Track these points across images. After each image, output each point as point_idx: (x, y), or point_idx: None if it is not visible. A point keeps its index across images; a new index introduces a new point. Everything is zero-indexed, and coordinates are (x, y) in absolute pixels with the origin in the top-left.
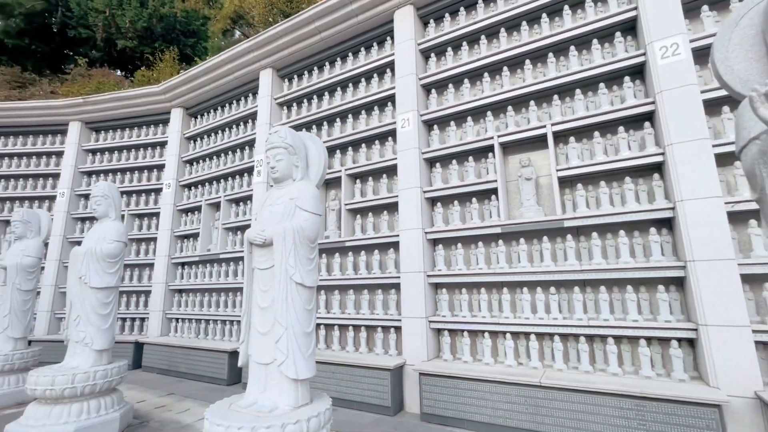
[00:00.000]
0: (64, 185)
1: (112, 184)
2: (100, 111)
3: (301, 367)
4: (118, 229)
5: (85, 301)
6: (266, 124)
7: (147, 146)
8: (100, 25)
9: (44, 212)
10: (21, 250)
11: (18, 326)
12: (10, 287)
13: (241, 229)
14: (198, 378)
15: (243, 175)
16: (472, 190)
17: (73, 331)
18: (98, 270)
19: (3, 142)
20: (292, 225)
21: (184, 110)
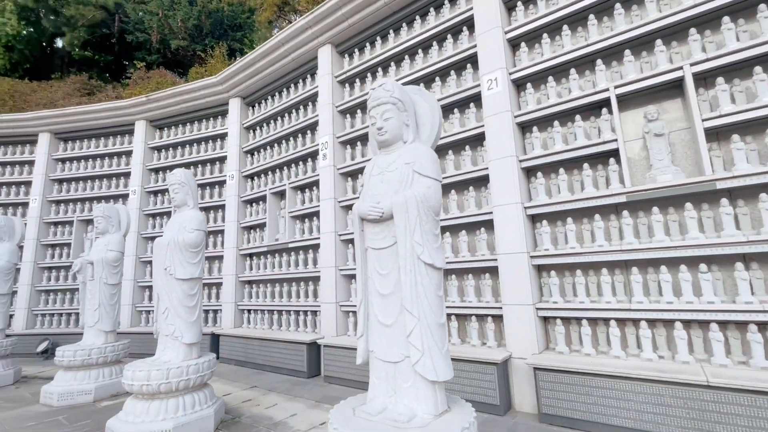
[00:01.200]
0: (135, 183)
1: (188, 171)
2: (163, 108)
3: (441, 366)
4: (197, 217)
5: (172, 293)
6: (329, 104)
7: (208, 139)
8: (154, 27)
9: (123, 207)
10: (104, 245)
11: (107, 320)
12: (97, 282)
13: (308, 217)
14: (276, 370)
15: (307, 161)
16: (582, 154)
17: (163, 325)
18: (182, 261)
19: (78, 145)
20: (414, 194)
21: (242, 100)
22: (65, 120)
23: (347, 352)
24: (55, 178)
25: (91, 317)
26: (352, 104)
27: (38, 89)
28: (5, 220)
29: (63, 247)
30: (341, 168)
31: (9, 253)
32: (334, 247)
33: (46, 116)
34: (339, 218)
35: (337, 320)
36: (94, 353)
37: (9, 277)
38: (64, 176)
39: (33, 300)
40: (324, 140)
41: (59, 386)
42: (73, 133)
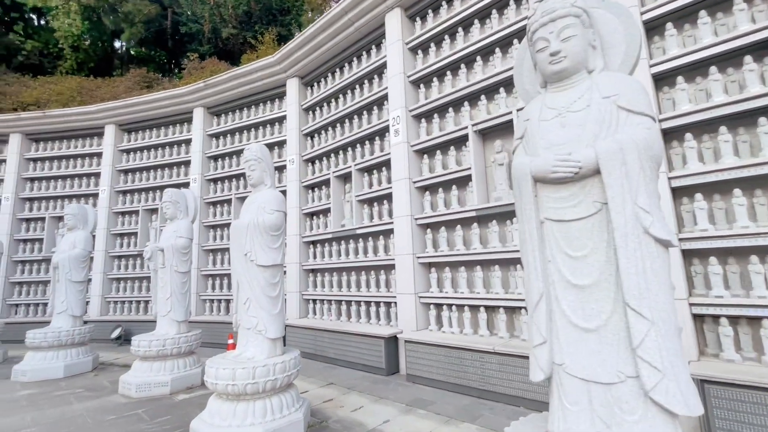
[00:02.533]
0: (195, 171)
1: (263, 146)
2: (220, 93)
3: (690, 397)
4: (277, 196)
5: (254, 281)
6: (399, 75)
7: (265, 124)
8: (206, 16)
9: (190, 191)
10: (173, 231)
11: (180, 309)
12: (168, 269)
13: (377, 200)
14: (351, 365)
15: (374, 140)
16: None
17: (244, 317)
18: (263, 245)
19: (141, 135)
20: (632, 137)
21: (300, 80)
22: (128, 111)
23: (432, 350)
24: (121, 169)
25: (163, 307)
26: (427, 72)
27: (102, 85)
28: (78, 209)
29: (131, 237)
30: (416, 144)
31: (84, 241)
32: (411, 233)
33: (110, 108)
34: (415, 200)
35: (416, 313)
36: (168, 344)
37: (84, 264)
38: (129, 167)
39: (105, 287)
40: (395, 115)
41: (136, 377)
42: (136, 124)
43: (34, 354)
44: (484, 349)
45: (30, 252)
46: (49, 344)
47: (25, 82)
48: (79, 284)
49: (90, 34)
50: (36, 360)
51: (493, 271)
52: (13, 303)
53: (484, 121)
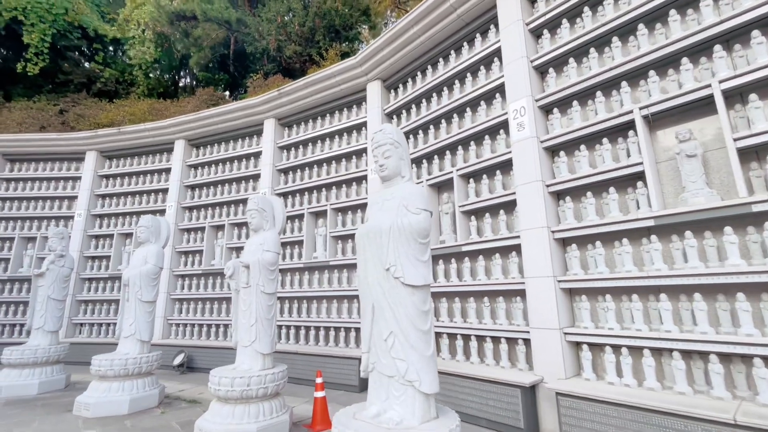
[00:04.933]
0: (265, 185)
1: (397, 129)
2: (294, 102)
3: None
4: (422, 193)
5: (399, 308)
6: (521, 59)
7: (342, 132)
8: (273, 33)
9: (277, 199)
10: (259, 244)
11: (266, 339)
12: (253, 290)
13: (490, 210)
14: (473, 419)
15: (482, 140)
16: None
17: (388, 361)
18: (410, 256)
19: (209, 150)
20: None
21: (382, 83)
22: (198, 124)
23: (594, 406)
24: (189, 185)
25: (246, 335)
26: (557, 54)
27: (171, 106)
28: (152, 221)
29: (195, 254)
30: (547, 140)
31: (155, 255)
32: (549, 249)
33: (181, 122)
34: (550, 208)
35: (563, 354)
36: (254, 383)
37: (155, 282)
38: (197, 182)
39: (168, 308)
40: (518, 106)
41: (217, 423)
42: (204, 139)
43: (99, 384)
44: (715, 417)
45: (97, 269)
46: (115, 373)
47: (101, 105)
48: (149, 305)
49: (161, 60)
50: (100, 391)
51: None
52: (78, 322)
53: (657, 102)
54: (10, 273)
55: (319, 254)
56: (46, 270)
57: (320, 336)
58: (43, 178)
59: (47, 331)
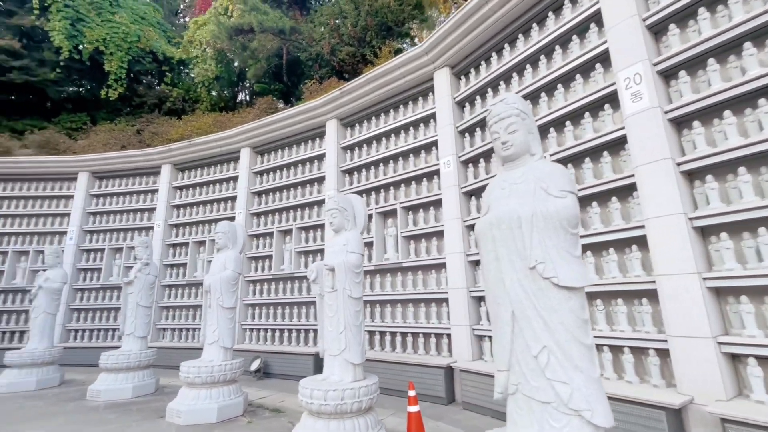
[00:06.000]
0: (330, 186)
1: (519, 98)
2: (356, 100)
3: None
4: (564, 172)
5: (552, 316)
6: (633, 17)
7: (408, 127)
8: (326, 37)
9: (358, 197)
10: (343, 245)
11: (356, 348)
12: (340, 294)
13: (596, 198)
14: None
15: (580, 119)
16: None
17: (541, 383)
18: (561, 250)
19: (273, 156)
20: None
21: (450, 70)
22: (262, 131)
23: None
24: (256, 191)
25: (335, 343)
26: (681, 5)
27: (233, 118)
28: (228, 227)
29: (265, 260)
30: (674, 110)
31: (234, 261)
32: (688, 240)
33: (246, 130)
34: (684, 191)
35: (720, 369)
36: (347, 397)
37: (235, 288)
38: (263, 188)
39: (242, 314)
40: (630, 74)
41: None
42: (268, 145)
43: (188, 391)
44: None
45: (176, 277)
46: (202, 381)
47: (172, 123)
48: (230, 311)
49: (221, 76)
50: (189, 399)
51: None
52: (161, 327)
53: None
54: (102, 281)
55: (390, 255)
56: (134, 278)
57: (396, 342)
58: (125, 192)
59: (137, 337)
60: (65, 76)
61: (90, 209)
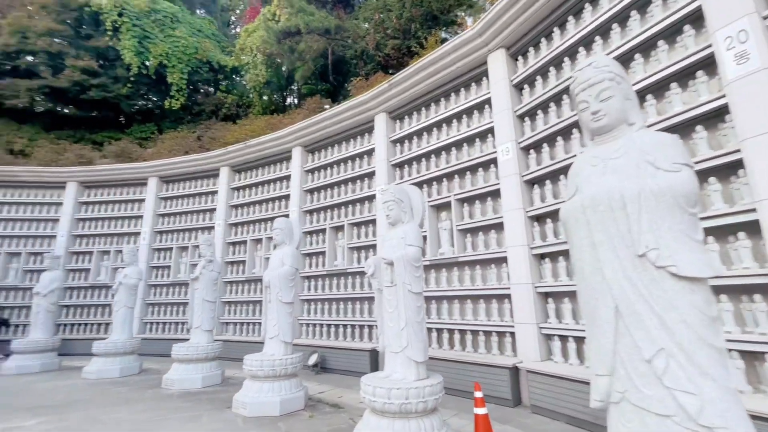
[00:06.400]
0: (381, 181)
1: (611, 60)
2: (405, 91)
3: None
4: (675, 140)
5: (670, 312)
6: None
7: (461, 115)
8: (371, 32)
9: (414, 188)
10: (401, 239)
11: (418, 345)
12: (400, 290)
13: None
14: None
15: (664, 91)
16: None
17: (656, 391)
18: (679, 234)
19: (323, 154)
20: None
21: (506, 51)
22: (313, 129)
23: None
24: (308, 189)
25: (396, 340)
26: None
27: (284, 119)
28: (285, 223)
29: (319, 256)
30: None
31: (291, 257)
32: None
33: (297, 129)
34: None
35: None
36: (412, 396)
37: (293, 283)
38: (314, 186)
39: (297, 309)
40: (733, 31)
41: None
42: (319, 143)
43: (252, 384)
44: None
45: (236, 273)
46: (265, 374)
47: (228, 127)
48: (289, 306)
49: (271, 81)
50: (253, 391)
51: None
52: (225, 321)
53: None
54: (172, 278)
55: (446, 250)
56: (199, 274)
57: (455, 340)
58: (189, 194)
59: (204, 330)
60: (135, 91)
61: (159, 211)
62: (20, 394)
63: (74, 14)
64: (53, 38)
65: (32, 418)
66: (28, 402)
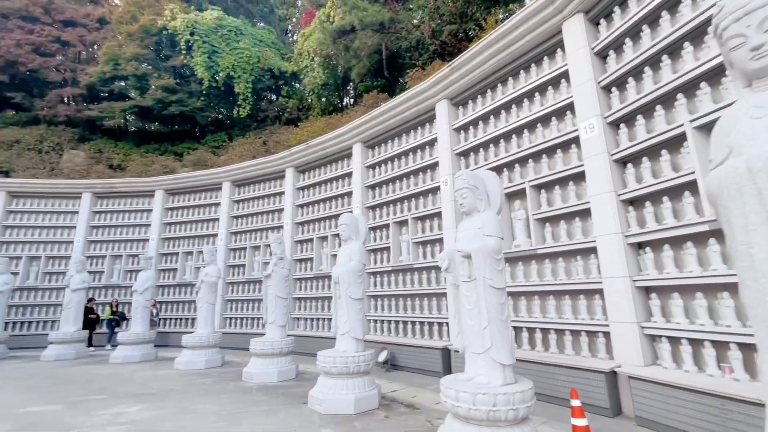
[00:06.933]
0: (445, 172)
1: None
2: (467, 75)
3: None
4: None
5: None
6: None
7: (532, 93)
8: (426, 20)
9: (489, 174)
10: (477, 229)
11: (503, 345)
12: (480, 284)
13: None
14: None
15: None
16: None
17: None
18: None
19: (383, 148)
20: None
21: (584, 15)
22: (372, 124)
23: None
24: (369, 185)
25: (478, 340)
26: None
27: (342, 118)
28: (351, 219)
29: (383, 252)
30: None
31: (358, 252)
32: None
33: (357, 125)
34: None
35: None
36: (501, 403)
37: (361, 279)
38: (376, 182)
39: (364, 305)
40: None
41: None
42: (378, 138)
43: (326, 380)
44: None
45: (304, 270)
46: (338, 371)
47: (290, 131)
48: (358, 302)
49: (328, 82)
50: (328, 388)
51: None
52: (295, 317)
53: None
54: (246, 276)
55: (521, 242)
56: (271, 272)
57: (536, 339)
58: (259, 196)
59: (278, 326)
60: (207, 103)
61: (233, 213)
62: (125, 381)
63: (155, 38)
64: (139, 62)
65: (135, 404)
66: (131, 389)
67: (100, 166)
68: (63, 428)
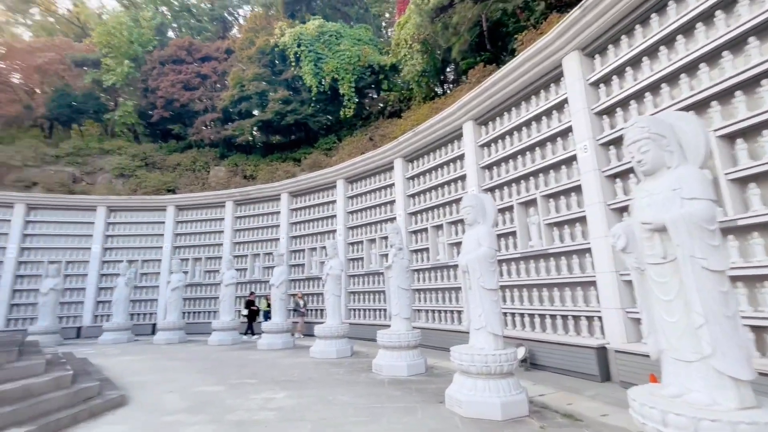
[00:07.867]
0: (582, 137)
1: None
2: (603, 14)
3: None
4: None
5: None
6: None
7: (670, 39)
8: None
9: (688, 117)
10: (673, 190)
11: (733, 352)
12: (688, 266)
13: None
14: None
15: None
16: None
17: None
18: None
19: (498, 123)
20: None
21: None
22: (485, 96)
23: None
24: (485, 165)
25: (687, 343)
26: None
27: (446, 101)
28: (475, 199)
29: (508, 237)
30: None
31: (488, 236)
32: None
33: (467, 101)
34: None
35: None
36: None
37: (494, 267)
38: (493, 160)
39: None
40: None
41: None
42: (491, 112)
43: (464, 380)
44: None
45: (420, 261)
46: (477, 370)
47: (395, 123)
48: (493, 293)
49: (427, 68)
50: (467, 388)
51: None
52: (416, 309)
53: None
54: (365, 269)
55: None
56: (392, 263)
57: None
58: (370, 190)
59: (403, 318)
60: (317, 109)
61: (348, 209)
62: (270, 367)
63: (269, 57)
64: (259, 81)
65: (281, 390)
66: (276, 375)
67: (237, 178)
68: (227, 409)
